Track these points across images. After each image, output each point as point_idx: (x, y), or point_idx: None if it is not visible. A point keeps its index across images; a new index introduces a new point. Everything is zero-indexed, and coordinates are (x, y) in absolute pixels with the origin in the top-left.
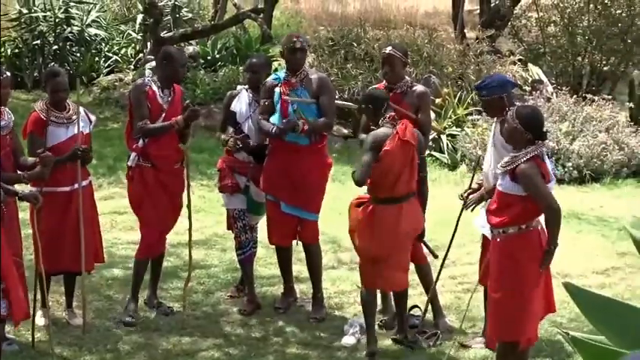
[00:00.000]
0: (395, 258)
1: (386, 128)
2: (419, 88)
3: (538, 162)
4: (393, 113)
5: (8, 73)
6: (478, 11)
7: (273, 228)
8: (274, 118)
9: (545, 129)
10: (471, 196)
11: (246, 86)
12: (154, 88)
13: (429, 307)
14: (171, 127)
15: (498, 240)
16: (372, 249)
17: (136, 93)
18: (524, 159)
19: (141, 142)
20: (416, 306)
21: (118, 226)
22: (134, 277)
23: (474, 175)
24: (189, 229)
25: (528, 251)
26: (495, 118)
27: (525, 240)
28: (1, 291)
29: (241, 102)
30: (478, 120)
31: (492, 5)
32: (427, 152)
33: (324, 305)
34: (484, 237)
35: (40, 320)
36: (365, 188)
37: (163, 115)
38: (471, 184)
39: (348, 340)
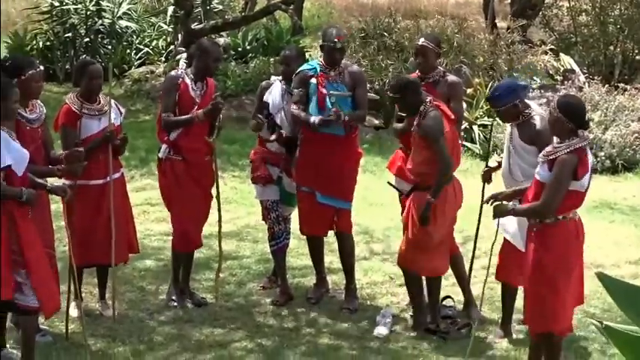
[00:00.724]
0: (445, 241)
1: (435, 111)
2: (451, 77)
3: (580, 155)
4: (431, 97)
5: (41, 67)
6: (509, 1)
7: (307, 219)
8: (311, 110)
9: (587, 118)
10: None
11: (280, 77)
12: (187, 80)
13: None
14: (192, 121)
15: (535, 230)
16: (435, 233)
17: (167, 84)
18: (567, 150)
19: (172, 134)
20: (448, 296)
21: (150, 218)
22: (172, 265)
23: (488, 153)
24: (219, 221)
25: (564, 242)
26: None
27: (561, 231)
28: (31, 283)
29: (274, 93)
30: None
31: None
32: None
33: (357, 296)
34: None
35: (73, 312)
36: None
37: (195, 108)
38: (487, 164)
39: (381, 330)
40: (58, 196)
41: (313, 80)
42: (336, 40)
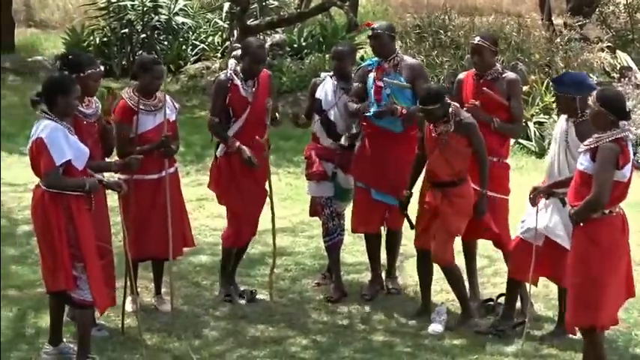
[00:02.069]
0: None
1: (463, 110)
2: (509, 75)
3: (622, 144)
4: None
5: (102, 68)
6: None
7: (359, 215)
8: (370, 103)
9: (628, 109)
10: (535, 186)
11: (331, 73)
12: (237, 81)
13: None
14: (227, 143)
15: (581, 224)
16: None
17: (217, 88)
18: (609, 139)
19: (229, 131)
20: (503, 294)
21: (205, 213)
22: (222, 262)
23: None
24: (272, 219)
25: (610, 236)
26: (567, 118)
27: (608, 225)
28: (87, 277)
29: (326, 89)
30: None
31: None
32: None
33: (396, 276)
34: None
35: (129, 306)
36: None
37: (249, 108)
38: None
39: (436, 327)
40: (114, 191)
41: (371, 74)
42: (369, 28)
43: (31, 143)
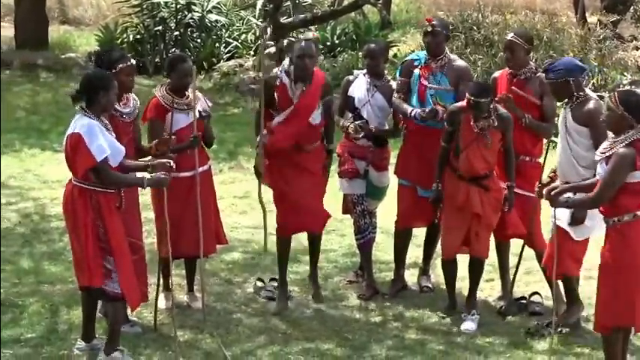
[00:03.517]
0: None
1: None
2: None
3: (638, 146)
4: None
5: (133, 61)
6: None
7: (406, 211)
8: (412, 101)
9: None
10: (546, 189)
11: (364, 71)
12: (285, 80)
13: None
14: (258, 142)
15: (612, 226)
16: None
17: (265, 85)
18: (625, 143)
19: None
20: (536, 292)
21: (238, 210)
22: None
23: (543, 166)
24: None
25: None
26: (565, 105)
27: (639, 227)
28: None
29: (359, 87)
30: None
31: None
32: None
33: (430, 274)
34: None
35: (162, 303)
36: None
37: (291, 107)
38: (540, 179)
39: (468, 325)
40: (150, 188)
41: (416, 71)
42: (427, 22)
43: (67, 139)
